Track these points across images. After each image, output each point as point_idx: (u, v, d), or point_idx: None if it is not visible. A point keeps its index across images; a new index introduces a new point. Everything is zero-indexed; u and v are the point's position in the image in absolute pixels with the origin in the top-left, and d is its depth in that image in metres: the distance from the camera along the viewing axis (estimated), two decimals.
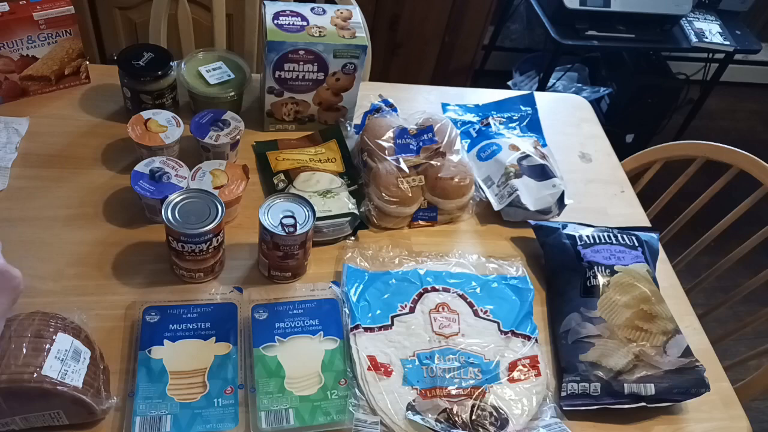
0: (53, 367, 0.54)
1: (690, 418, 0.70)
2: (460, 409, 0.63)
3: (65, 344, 0.57)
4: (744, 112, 2.36)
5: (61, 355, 0.55)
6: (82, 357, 0.57)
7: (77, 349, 0.57)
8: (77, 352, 0.57)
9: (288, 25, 0.82)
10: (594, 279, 0.74)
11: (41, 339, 0.56)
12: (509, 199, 0.83)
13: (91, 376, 0.57)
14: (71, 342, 0.57)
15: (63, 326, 0.58)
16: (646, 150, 1.08)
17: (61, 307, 0.65)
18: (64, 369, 0.55)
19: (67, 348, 0.56)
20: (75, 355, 0.57)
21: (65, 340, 0.57)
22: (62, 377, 0.54)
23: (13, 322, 0.57)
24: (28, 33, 0.81)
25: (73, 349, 0.57)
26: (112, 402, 0.59)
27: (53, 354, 0.55)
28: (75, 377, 0.56)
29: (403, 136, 0.84)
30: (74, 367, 0.56)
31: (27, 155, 0.80)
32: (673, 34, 1.77)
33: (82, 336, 0.59)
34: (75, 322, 0.60)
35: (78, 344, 0.58)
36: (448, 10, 1.65)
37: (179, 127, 0.79)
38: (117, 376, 0.63)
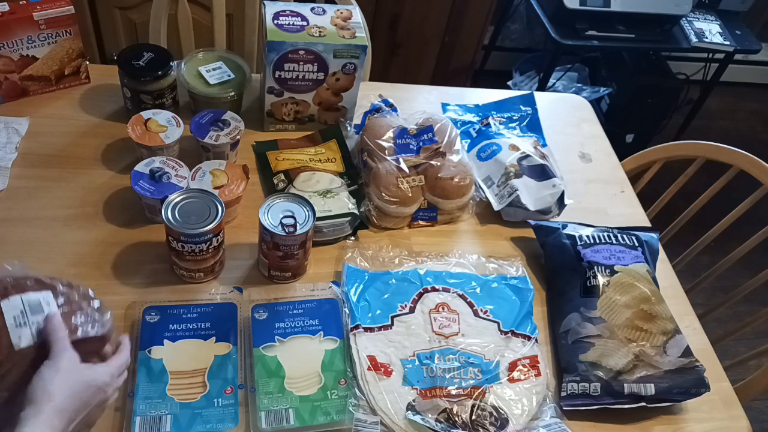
0: (23, 336, 0.50)
1: (690, 418, 0.70)
2: (460, 409, 0.63)
3: (15, 308, 0.51)
4: (744, 112, 2.36)
5: (19, 319, 0.51)
6: (43, 304, 0.52)
7: (31, 302, 0.52)
8: (33, 305, 0.52)
9: (288, 25, 0.82)
10: (594, 279, 0.74)
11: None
12: (509, 199, 0.83)
13: (70, 309, 0.53)
14: (19, 300, 0.52)
15: (5, 290, 0.52)
16: (646, 150, 1.08)
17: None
18: (37, 328, 0.51)
19: (21, 309, 0.52)
20: (34, 310, 0.52)
21: (13, 303, 0.51)
22: (37, 336, 0.51)
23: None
24: (28, 33, 0.81)
25: (27, 305, 0.52)
26: (107, 315, 0.56)
27: (12, 324, 0.51)
28: None
29: (403, 136, 0.84)
30: (40, 321, 0.52)
31: (27, 155, 0.80)
32: (673, 34, 1.77)
33: (29, 284, 0.54)
34: (10, 276, 0.54)
35: (29, 297, 0.52)
36: (448, 10, 1.64)
37: (179, 127, 0.79)
38: None
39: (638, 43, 1.72)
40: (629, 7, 1.68)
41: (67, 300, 0.54)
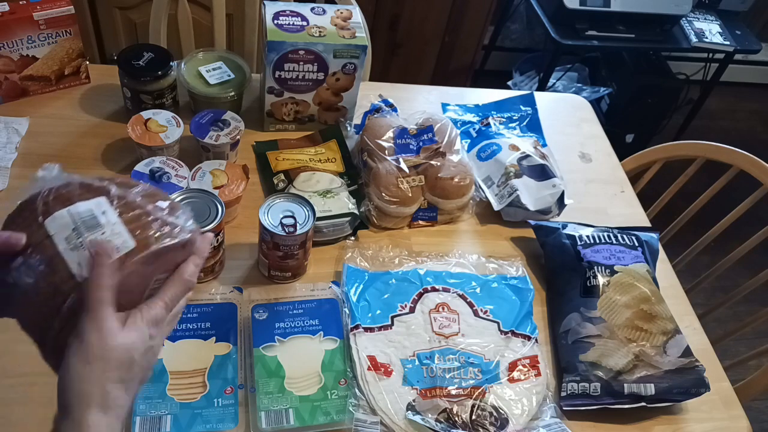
0: (84, 262, 0.39)
1: (690, 418, 0.70)
2: (460, 409, 0.63)
3: (63, 226, 0.39)
4: (744, 112, 2.36)
5: (72, 240, 0.39)
6: (98, 215, 0.40)
7: (82, 215, 0.39)
8: (86, 218, 0.39)
9: (288, 25, 0.82)
10: (594, 279, 0.74)
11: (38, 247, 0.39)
12: (509, 199, 0.83)
13: (133, 215, 0.41)
14: (66, 215, 0.39)
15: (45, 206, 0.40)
16: (646, 150, 1.08)
17: None
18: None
19: (72, 226, 0.39)
20: (89, 225, 0.39)
21: (60, 220, 0.39)
22: None
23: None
24: (28, 33, 0.81)
25: (79, 220, 0.39)
26: (185, 216, 0.43)
27: (65, 248, 0.38)
28: (117, 245, 0.39)
29: (403, 136, 0.84)
30: (105, 236, 0.39)
31: (27, 155, 0.80)
32: (673, 34, 1.77)
33: (74, 193, 0.41)
34: (49, 186, 0.42)
35: (78, 209, 0.40)
36: (448, 10, 1.65)
37: (179, 127, 0.79)
38: None
39: (638, 43, 1.72)
40: (629, 7, 1.68)
41: (126, 204, 0.41)
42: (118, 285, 0.39)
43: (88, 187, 0.41)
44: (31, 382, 0.61)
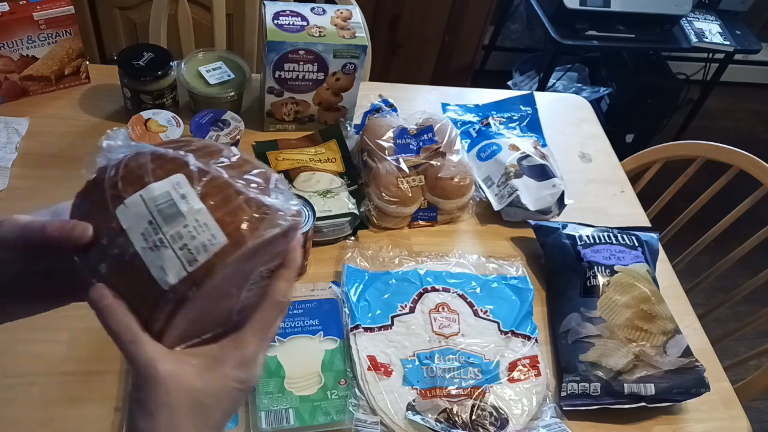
0: (169, 266, 0.30)
1: (690, 418, 0.70)
2: (460, 409, 0.63)
3: (139, 218, 0.31)
4: (744, 112, 2.36)
5: (151, 239, 0.31)
6: (178, 201, 0.31)
7: (159, 203, 0.31)
8: (164, 208, 0.31)
9: (288, 25, 0.82)
10: (594, 279, 0.74)
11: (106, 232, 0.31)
12: (509, 199, 0.83)
13: (221, 203, 0.32)
14: (141, 202, 0.31)
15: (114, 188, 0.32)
16: (646, 150, 1.08)
17: (62, 307, 0.65)
18: (182, 247, 0.30)
19: (149, 218, 0.31)
20: (167, 217, 0.31)
21: (134, 208, 0.31)
22: (189, 262, 0.30)
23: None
24: (28, 33, 0.81)
25: (155, 210, 0.31)
26: (286, 199, 0.33)
27: (144, 248, 0.31)
28: (204, 242, 0.30)
29: (403, 136, 0.84)
30: (188, 229, 0.30)
31: (27, 155, 0.80)
32: (673, 34, 1.77)
33: (147, 169, 0.32)
34: (116, 160, 0.33)
35: (153, 193, 0.31)
36: (448, 10, 1.65)
37: (179, 127, 0.79)
38: (117, 377, 0.62)
39: (638, 43, 1.72)
40: (629, 7, 1.67)
41: (210, 182, 0.32)
42: (202, 297, 0.31)
43: (162, 158, 0.32)
44: (31, 382, 0.61)
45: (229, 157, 0.34)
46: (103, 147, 0.34)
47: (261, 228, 0.32)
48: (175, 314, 0.31)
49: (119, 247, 0.31)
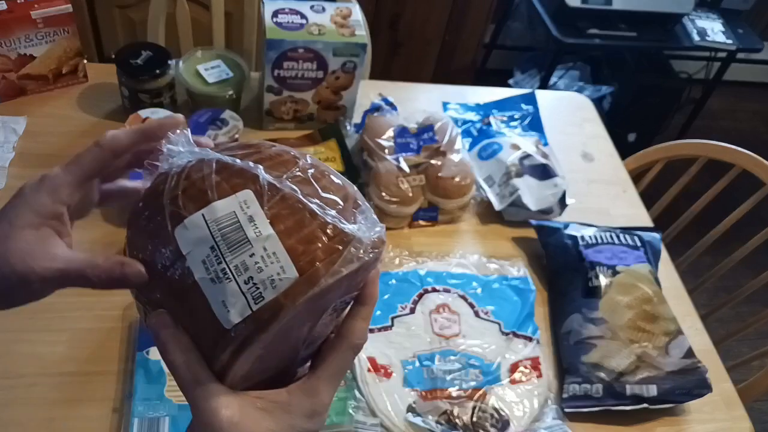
0: (232, 304, 0.27)
1: (692, 419, 0.70)
2: (460, 410, 0.62)
3: (200, 243, 0.27)
4: (746, 111, 2.36)
5: (213, 269, 0.27)
6: (245, 225, 0.27)
7: (223, 227, 0.27)
8: (228, 233, 0.27)
9: (287, 23, 0.81)
10: (596, 279, 0.74)
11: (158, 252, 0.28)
12: (510, 199, 0.82)
13: (294, 228, 0.27)
14: (203, 222, 0.28)
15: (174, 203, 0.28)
16: (648, 149, 1.07)
17: (61, 307, 0.65)
18: (247, 280, 0.27)
19: (211, 243, 0.27)
20: (231, 243, 0.27)
21: (195, 231, 0.28)
22: (255, 299, 0.27)
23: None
24: (25, 32, 0.81)
25: (219, 235, 0.27)
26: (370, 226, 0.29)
27: (205, 279, 0.27)
28: (273, 275, 0.27)
29: (403, 135, 0.84)
30: (254, 259, 0.27)
31: (25, 155, 0.80)
32: (675, 33, 1.76)
33: (210, 182, 0.28)
34: (177, 167, 0.30)
35: (216, 213, 0.28)
36: (449, 9, 1.64)
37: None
38: (114, 377, 0.62)
39: (640, 42, 1.72)
40: (631, 5, 1.67)
41: (282, 201, 0.28)
42: (268, 338, 0.27)
43: (228, 169, 0.28)
44: (31, 383, 0.60)
45: (305, 168, 0.29)
46: (164, 151, 0.30)
47: (338, 262, 0.27)
48: (238, 356, 0.27)
49: (177, 274, 0.28)
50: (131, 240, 0.30)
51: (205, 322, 0.27)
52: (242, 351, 0.27)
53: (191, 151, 0.30)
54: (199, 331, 0.28)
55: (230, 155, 0.29)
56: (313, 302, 0.27)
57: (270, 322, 0.27)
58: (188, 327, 0.28)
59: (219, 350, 0.27)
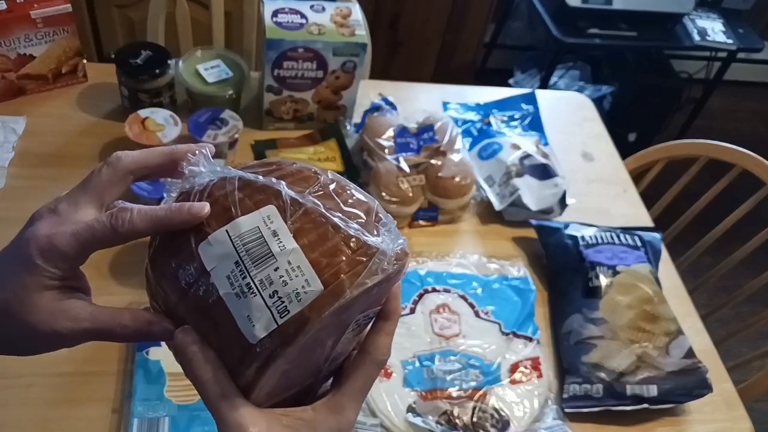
0: (257, 318, 0.27)
1: (692, 420, 0.70)
2: (460, 411, 0.62)
3: (225, 258, 0.27)
4: (746, 111, 2.35)
5: (238, 285, 0.27)
6: (269, 240, 0.27)
7: (247, 242, 0.27)
8: (252, 248, 0.27)
9: (287, 22, 0.81)
10: (596, 279, 0.74)
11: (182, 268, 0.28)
12: (511, 199, 0.82)
13: (317, 241, 0.28)
14: (227, 239, 0.28)
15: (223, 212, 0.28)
16: (648, 149, 1.07)
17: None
18: (272, 294, 0.27)
19: (236, 258, 0.27)
20: (256, 258, 0.27)
21: (219, 246, 0.28)
22: (280, 313, 0.26)
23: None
24: (25, 31, 0.81)
25: (244, 251, 0.27)
26: (393, 238, 0.29)
27: (230, 294, 0.27)
28: (298, 289, 0.27)
29: (403, 134, 0.83)
30: (279, 273, 0.27)
31: (24, 154, 0.80)
32: (675, 33, 1.76)
33: (234, 198, 0.29)
34: (200, 184, 0.30)
35: (241, 229, 0.28)
36: (448, 8, 1.64)
37: (177, 126, 0.79)
38: (115, 378, 0.62)
39: (640, 42, 1.72)
40: (631, 5, 1.67)
41: (304, 215, 0.28)
42: (294, 353, 0.27)
43: (251, 186, 0.29)
44: (29, 383, 0.60)
45: (326, 184, 0.29)
46: (186, 173, 0.30)
47: (363, 274, 0.27)
48: (264, 372, 0.27)
49: (201, 290, 0.28)
50: (154, 258, 0.30)
51: (230, 338, 0.27)
52: (268, 366, 0.27)
53: (212, 170, 0.30)
54: (223, 347, 0.28)
55: (252, 173, 0.30)
56: (338, 315, 0.27)
57: (296, 336, 0.26)
58: (213, 343, 0.28)
59: (244, 366, 0.27)
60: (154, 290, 0.30)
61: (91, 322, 0.29)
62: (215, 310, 0.27)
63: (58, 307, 0.29)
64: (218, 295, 0.27)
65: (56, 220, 0.30)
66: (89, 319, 0.30)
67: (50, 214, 0.30)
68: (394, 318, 0.31)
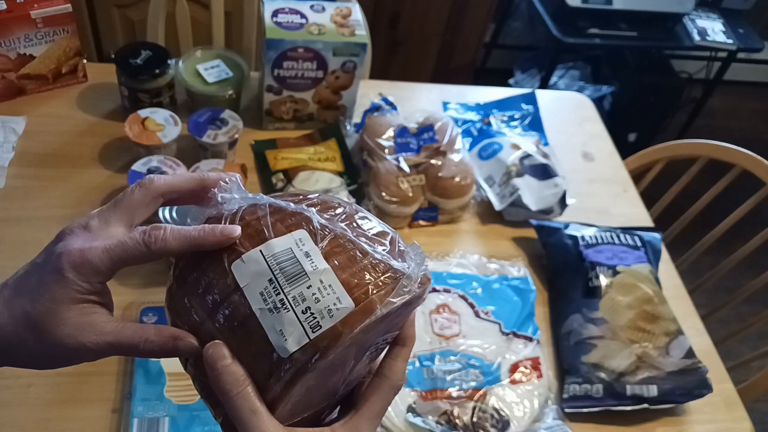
0: (289, 333, 0.27)
1: (692, 420, 0.70)
2: (461, 411, 0.62)
3: (258, 276, 0.28)
4: (747, 111, 2.35)
5: (271, 300, 0.28)
6: (301, 259, 0.29)
7: (280, 261, 0.29)
8: (285, 265, 0.28)
9: (287, 22, 0.81)
10: (596, 279, 0.74)
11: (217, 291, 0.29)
12: (511, 199, 0.82)
13: (346, 264, 0.29)
14: (260, 258, 0.29)
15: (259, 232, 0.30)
16: (648, 149, 1.07)
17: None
18: (305, 310, 0.28)
19: (270, 275, 0.28)
20: (290, 275, 0.28)
21: (252, 265, 0.29)
22: (312, 328, 0.27)
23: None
24: (25, 31, 0.81)
25: (277, 268, 0.29)
26: (418, 264, 0.30)
27: (262, 310, 0.28)
28: (330, 306, 0.28)
29: (403, 134, 0.83)
30: (311, 290, 0.28)
31: (24, 154, 0.80)
32: (675, 33, 1.76)
33: (266, 222, 0.30)
34: (229, 210, 0.32)
35: (274, 249, 0.29)
36: (448, 7, 1.64)
37: (177, 126, 0.79)
38: (113, 378, 0.62)
39: (641, 42, 1.72)
40: (631, 5, 1.67)
41: (334, 240, 0.29)
42: (321, 369, 0.28)
43: (282, 212, 0.30)
44: (28, 384, 0.60)
45: (351, 214, 0.31)
46: (218, 201, 0.32)
47: (391, 294, 0.28)
48: (292, 386, 0.28)
49: (232, 306, 0.29)
50: (181, 277, 0.31)
51: (259, 353, 0.28)
52: (297, 380, 0.28)
53: (244, 197, 0.32)
54: (252, 362, 0.29)
55: (284, 201, 0.32)
56: (366, 332, 0.28)
57: (327, 350, 0.27)
58: (241, 358, 0.29)
59: (273, 380, 0.28)
60: (179, 308, 0.31)
61: (115, 336, 0.30)
62: (246, 326, 0.28)
63: (86, 321, 0.30)
64: (250, 311, 0.28)
65: (88, 236, 0.31)
66: (114, 333, 0.30)
67: (82, 230, 0.31)
68: (410, 344, 0.33)
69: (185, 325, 0.30)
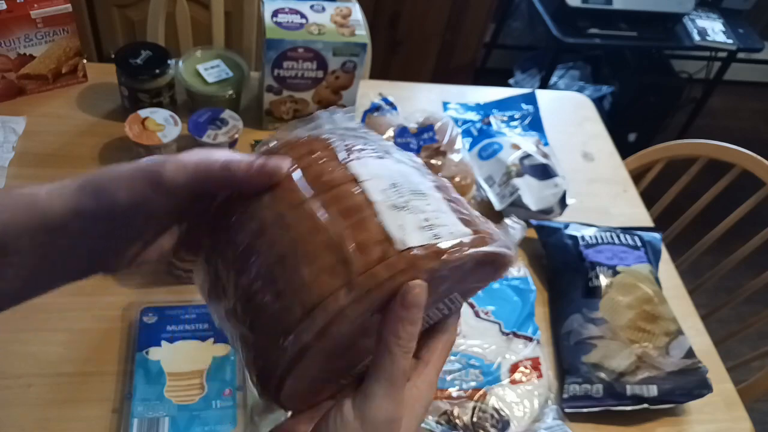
0: (404, 226, 0.26)
1: (692, 420, 0.70)
2: (460, 411, 0.62)
3: (378, 177, 0.28)
4: (747, 111, 2.35)
5: (391, 198, 0.27)
6: (418, 179, 0.29)
7: (400, 173, 0.29)
8: (404, 180, 0.29)
9: (287, 22, 0.81)
10: (596, 279, 0.74)
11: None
12: (511, 199, 0.82)
13: (459, 209, 0.29)
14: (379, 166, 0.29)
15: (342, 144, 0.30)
16: (648, 149, 1.07)
17: (59, 307, 0.65)
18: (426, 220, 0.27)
19: (386, 177, 0.28)
20: (410, 187, 0.28)
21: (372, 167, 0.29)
22: (432, 234, 0.26)
23: None
24: (25, 31, 0.81)
25: (401, 176, 0.29)
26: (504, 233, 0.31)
27: (378, 202, 0.27)
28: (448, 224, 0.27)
29: (403, 134, 0.83)
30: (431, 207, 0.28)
31: (24, 154, 0.80)
32: (675, 33, 1.76)
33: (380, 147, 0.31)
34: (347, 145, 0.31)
35: (393, 166, 0.29)
36: (448, 7, 1.64)
37: (177, 126, 0.79)
38: (113, 378, 0.62)
39: (641, 42, 1.72)
40: (631, 5, 1.67)
41: (445, 190, 0.30)
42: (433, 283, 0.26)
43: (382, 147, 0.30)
44: (28, 383, 0.60)
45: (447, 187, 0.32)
46: (318, 116, 0.32)
47: (497, 242, 0.28)
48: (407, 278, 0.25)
49: (348, 196, 0.27)
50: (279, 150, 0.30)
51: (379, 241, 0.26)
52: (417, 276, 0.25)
53: (348, 122, 0.34)
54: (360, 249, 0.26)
55: (384, 142, 0.33)
56: (465, 267, 0.27)
57: (449, 258, 0.26)
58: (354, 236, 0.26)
59: (385, 270, 0.25)
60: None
61: (201, 157, 0.28)
62: (360, 213, 0.26)
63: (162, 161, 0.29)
64: (368, 201, 0.26)
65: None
66: (197, 158, 0.28)
67: None
68: (454, 331, 0.32)
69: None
